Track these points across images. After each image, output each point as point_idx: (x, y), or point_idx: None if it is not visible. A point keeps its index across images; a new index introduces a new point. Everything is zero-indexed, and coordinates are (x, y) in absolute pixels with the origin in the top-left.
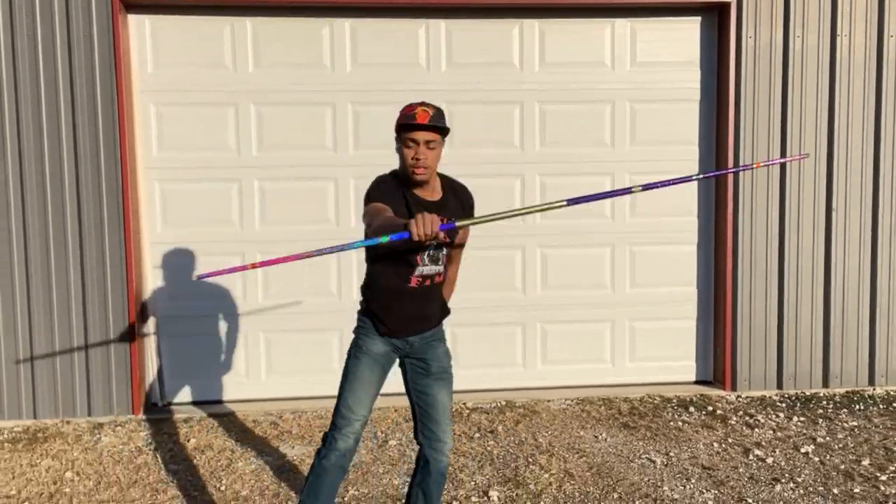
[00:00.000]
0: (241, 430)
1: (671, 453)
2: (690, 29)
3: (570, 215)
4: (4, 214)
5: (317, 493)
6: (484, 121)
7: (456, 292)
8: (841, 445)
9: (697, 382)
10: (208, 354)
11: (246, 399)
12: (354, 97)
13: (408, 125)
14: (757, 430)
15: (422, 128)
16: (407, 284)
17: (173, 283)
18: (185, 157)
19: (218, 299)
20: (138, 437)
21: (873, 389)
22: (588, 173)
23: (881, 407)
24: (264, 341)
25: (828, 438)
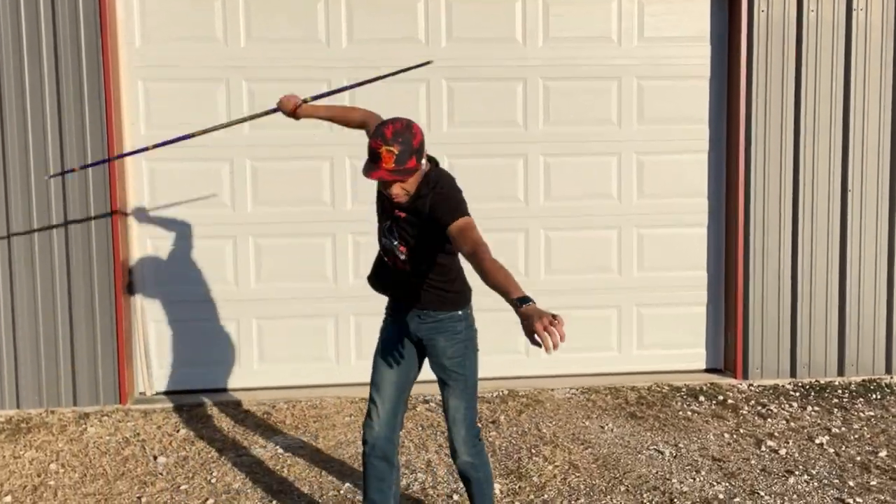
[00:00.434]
0: (232, 419)
1: (680, 444)
2: (700, 2)
3: (575, 196)
4: None
5: (365, 487)
6: (485, 98)
7: None
8: (857, 436)
9: (708, 371)
10: (198, 341)
11: (238, 388)
12: (350, 73)
13: (372, 176)
14: (769, 420)
15: (387, 182)
16: (379, 255)
17: (162, 268)
18: (173, 134)
19: (208, 284)
20: (126, 427)
21: (891, 377)
22: (594, 153)
23: None
24: (257, 328)
25: (843, 429)
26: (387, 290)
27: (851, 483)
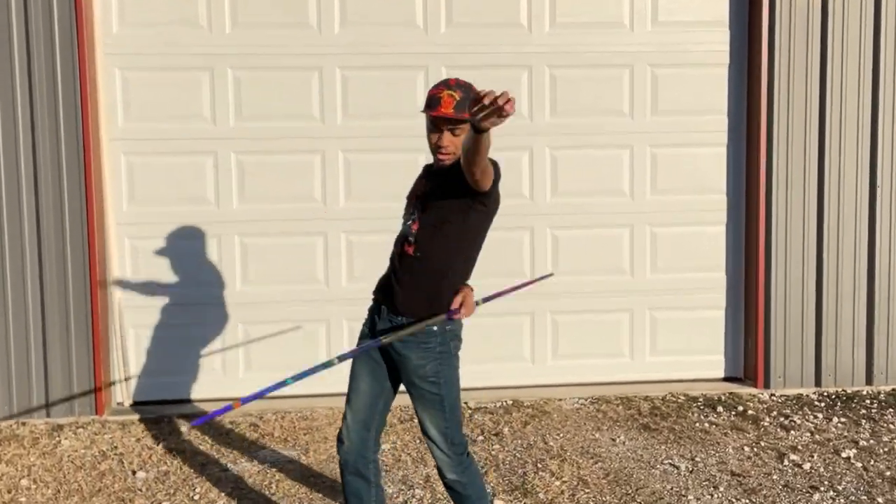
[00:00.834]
0: (217, 431)
1: (697, 458)
2: None
3: (583, 193)
4: None
5: (344, 502)
6: (487, 87)
7: None
8: (886, 449)
9: (726, 379)
10: (181, 348)
11: (222, 398)
12: (343, 61)
13: (431, 114)
14: (793, 432)
15: (445, 120)
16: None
17: (141, 269)
18: (154, 127)
19: (191, 287)
20: (102, 440)
21: None
22: (604, 146)
23: None
24: (243, 333)
25: (872, 441)
26: (382, 287)
27: (880, 500)
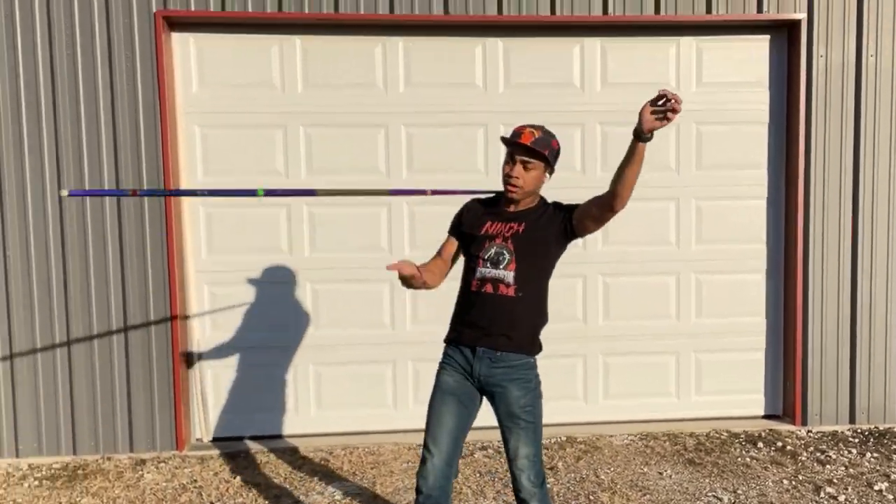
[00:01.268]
0: (289, 466)
1: (739, 491)
2: (759, 48)
3: (633, 242)
4: (43, 243)
5: None
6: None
7: None
8: None
9: (766, 417)
10: (255, 388)
11: (295, 434)
12: (408, 119)
13: (508, 140)
14: (828, 466)
15: (519, 147)
16: (469, 288)
17: (219, 313)
18: (231, 180)
19: (266, 331)
20: (183, 473)
21: None
22: (652, 198)
23: None
24: (314, 374)
25: None
26: (473, 327)
27: None
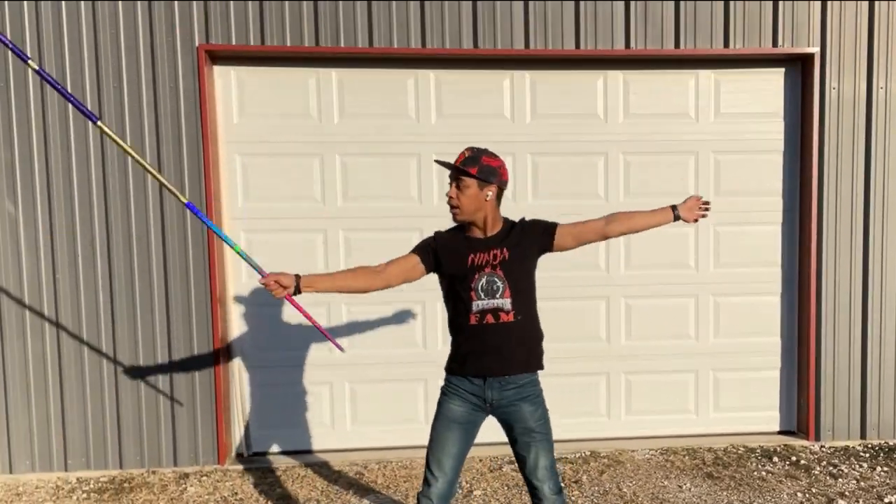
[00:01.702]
0: (326, 480)
1: (755, 503)
2: (774, 80)
3: (654, 265)
4: (92, 267)
5: None
6: (569, 172)
7: (543, 341)
8: None
9: (781, 432)
10: (293, 404)
11: (331, 449)
12: (439, 148)
13: (440, 162)
14: (840, 480)
15: (450, 167)
16: (467, 322)
17: (258, 333)
18: (270, 206)
19: (303, 349)
20: (224, 486)
21: None
22: (672, 224)
23: None
24: (349, 391)
25: None
26: (481, 358)
27: None
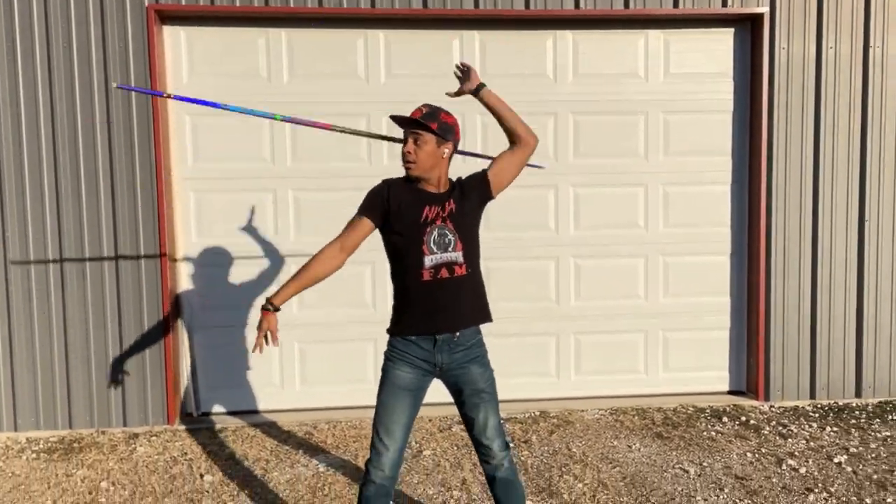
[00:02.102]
0: (275, 440)
1: (705, 463)
2: (724, 40)
3: (603, 226)
4: (40, 224)
5: None
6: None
7: (492, 301)
8: (874, 455)
9: (731, 393)
10: (242, 365)
11: (280, 409)
12: (389, 108)
13: (397, 118)
14: (790, 440)
15: (408, 122)
16: (419, 279)
17: (207, 293)
18: (220, 166)
19: (251, 310)
20: (173, 446)
21: None
22: (621, 184)
23: None
24: (298, 352)
25: (861, 448)
26: (433, 316)
27: (868, 500)
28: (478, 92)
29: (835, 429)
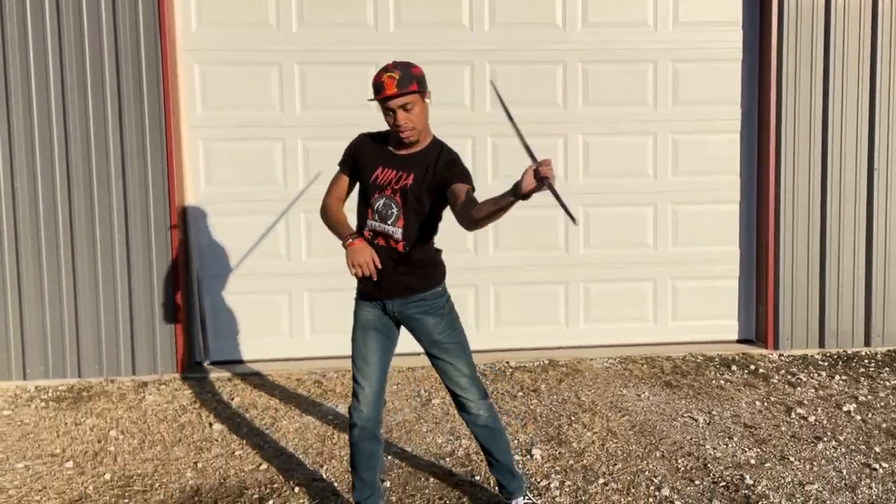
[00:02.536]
0: (284, 388)
1: (713, 412)
2: None
3: (612, 174)
4: (50, 176)
5: (354, 466)
6: (527, 81)
7: (502, 250)
8: (883, 404)
9: (740, 341)
10: (252, 313)
11: (290, 358)
12: (399, 56)
13: (378, 98)
14: (799, 388)
15: (390, 99)
16: (363, 236)
17: (216, 242)
18: (228, 115)
19: (261, 259)
20: (182, 395)
21: None
22: (630, 133)
23: None
24: (308, 300)
25: (869, 397)
26: (369, 281)
27: (878, 449)
28: (520, 197)
29: (844, 377)
